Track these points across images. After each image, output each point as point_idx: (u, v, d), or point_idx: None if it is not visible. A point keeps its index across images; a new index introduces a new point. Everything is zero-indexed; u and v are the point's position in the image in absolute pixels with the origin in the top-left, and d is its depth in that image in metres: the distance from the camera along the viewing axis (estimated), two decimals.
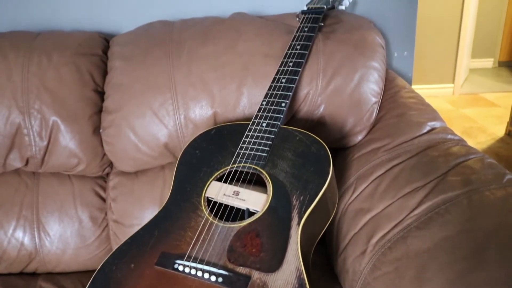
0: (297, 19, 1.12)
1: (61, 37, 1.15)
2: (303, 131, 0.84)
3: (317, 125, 1.05)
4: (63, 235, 1.09)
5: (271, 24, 1.10)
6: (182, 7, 1.30)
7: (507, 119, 3.17)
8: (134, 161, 1.07)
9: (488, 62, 4.75)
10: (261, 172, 0.80)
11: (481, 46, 4.63)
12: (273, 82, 0.95)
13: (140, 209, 1.07)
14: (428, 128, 1.03)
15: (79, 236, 1.10)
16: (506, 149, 2.71)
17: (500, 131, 3.01)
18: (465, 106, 3.58)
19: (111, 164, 1.14)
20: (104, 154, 1.10)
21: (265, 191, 0.78)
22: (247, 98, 1.02)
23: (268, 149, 0.83)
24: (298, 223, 0.72)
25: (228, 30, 1.08)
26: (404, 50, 1.43)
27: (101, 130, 1.08)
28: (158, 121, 1.02)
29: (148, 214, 1.06)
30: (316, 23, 1.04)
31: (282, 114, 0.88)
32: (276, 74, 0.96)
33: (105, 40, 1.21)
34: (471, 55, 4.52)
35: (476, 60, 4.70)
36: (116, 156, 1.08)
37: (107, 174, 1.16)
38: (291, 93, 0.91)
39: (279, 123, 0.87)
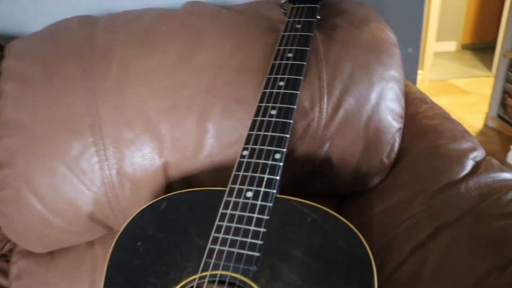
0: (282, 9, 0.77)
1: None
2: (317, 205, 0.50)
3: (319, 169, 0.71)
4: None
5: (244, 19, 0.75)
6: None
7: (482, 107, 2.99)
8: (44, 239, 0.69)
9: (451, 45, 4.60)
10: None
11: (444, 29, 4.47)
12: (257, 115, 0.60)
13: None
14: (471, 163, 0.72)
15: None
16: (489, 143, 2.51)
17: (477, 122, 2.81)
18: (437, 95, 3.37)
19: None
20: None
21: None
22: (214, 138, 0.66)
23: (261, 242, 0.48)
24: None
25: (180, 31, 0.71)
26: (408, 46, 1.12)
27: None
28: (76, 181, 0.65)
29: None
30: (313, 17, 0.70)
31: (277, 175, 0.53)
32: (261, 101, 0.61)
33: None
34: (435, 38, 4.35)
35: (440, 44, 4.54)
36: (16, 234, 0.70)
37: (11, 250, 0.78)
38: (288, 135, 0.57)
39: (274, 191, 0.52)
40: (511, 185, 0.67)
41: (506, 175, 0.70)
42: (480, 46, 4.49)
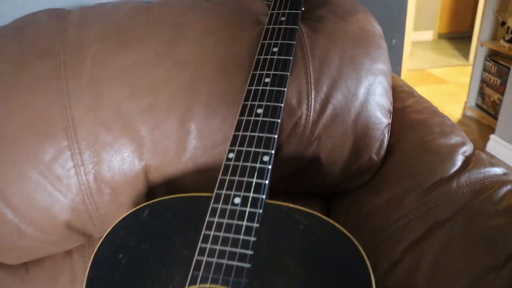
0: (264, 1, 0.74)
1: None
2: (309, 211, 0.48)
3: (307, 168, 0.69)
4: None
5: (226, 11, 0.71)
6: None
7: (460, 97, 3.02)
8: (17, 250, 0.64)
9: (428, 35, 4.64)
10: None
11: (421, 18, 4.50)
12: (242, 114, 0.56)
13: None
14: (461, 158, 0.71)
15: None
16: (468, 132, 2.53)
17: (456, 111, 2.83)
18: (415, 84, 3.39)
19: None
20: None
21: None
22: (197, 139, 0.62)
23: (251, 252, 0.45)
24: None
25: (159, 25, 0.67)
26: (392, 37, 1.10)
27: None
28: (50, 188, 0.60)
29: None
30: (298, 8, 0.67)
31: (266, 178, 0.50)
32: (246, 99, 0.58)
33: None
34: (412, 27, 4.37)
35: (417, 33, 4.58)
36: None
37: None
38: (276, 136, 0.54)
39: (263, 196, 0.49)
40: (502, 181, 0.66)
41: (497, 170, 0.69)
42: (456, 35, 4.55)
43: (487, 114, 2.46)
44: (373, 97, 0.69)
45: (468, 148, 0.74)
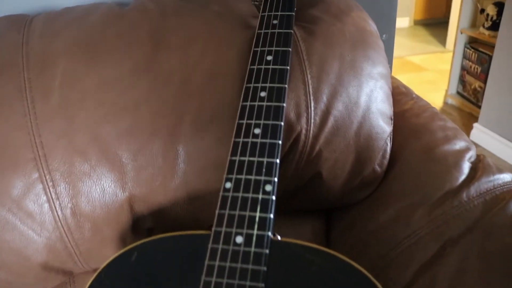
0: (252, 2, 0.67)
1: None
2: (321, 248, 0.42)
3: (308, 185, 0.63)
4: None
5: (211, 14, 0.64)
6: None
7: (440, 84, 3.02)
8: None
9: (404, 22, 4.64)
10: None
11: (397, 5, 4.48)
12: (238, 135, 0.50)
13: None
14: (468, 166, 0.67)
15: None
16: (452, 120, 2.52)
17: (437, 99, 2.83)
18: (396, 73, 3.37)
19: None
20: None
21: None
22: (187, 163, 0.56)
23: None
24: None
25: (136, 32, 0.60)
26: (383, 33, 1.05)
27: None
28: (21, 226, 0.53)
29: None
30: (291, 10, 0.61)
31: (270, 212, 0.44)
32: (241, 117, 0.51)
33: None
34: None
35: None
36: None
37: None
38: (278, 160, 0.47)
39: (269, 233, 0.43)
40: (508, 185, 0.63)
41: (505, 177, 0.65)
42: (432, 21, 4.56)
43: (468, 101, 2.45)
44: (375, 105, 0.64)
45: (472, 153, 0.70)
